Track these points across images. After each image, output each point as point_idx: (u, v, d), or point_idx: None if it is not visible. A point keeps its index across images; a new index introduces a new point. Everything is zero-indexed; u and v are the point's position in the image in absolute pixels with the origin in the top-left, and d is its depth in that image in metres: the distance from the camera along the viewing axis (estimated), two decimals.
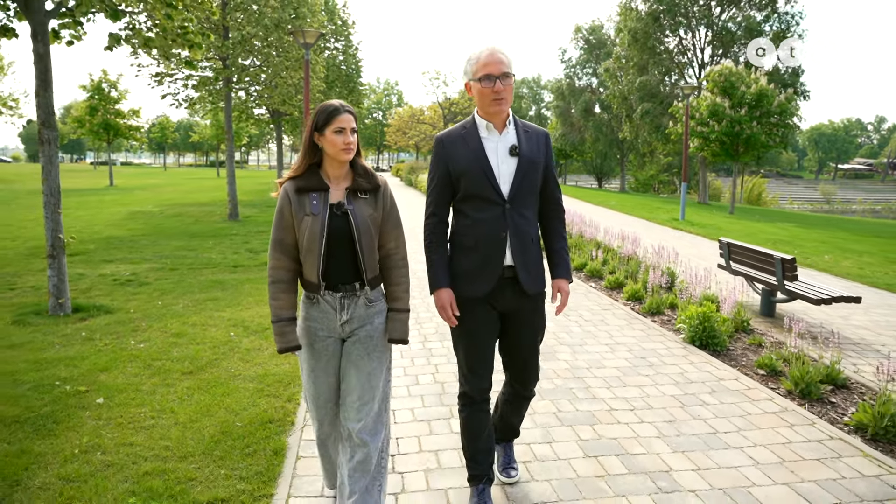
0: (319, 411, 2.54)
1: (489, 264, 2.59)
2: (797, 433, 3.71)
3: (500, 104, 2.55)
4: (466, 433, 2.82)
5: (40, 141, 5.97)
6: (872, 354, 5.39)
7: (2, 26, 5.88)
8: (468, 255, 2.63)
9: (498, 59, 2.51)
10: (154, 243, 11.23)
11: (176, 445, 3.35)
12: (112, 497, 2.82)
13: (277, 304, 2.37)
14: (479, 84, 2.53)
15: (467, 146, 2.61)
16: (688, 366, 4.92)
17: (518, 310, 2.70)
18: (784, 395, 4.37)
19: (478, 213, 2.60)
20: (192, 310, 6.34)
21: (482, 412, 2.79)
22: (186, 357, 4.82)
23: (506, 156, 2.60)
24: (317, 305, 2.42)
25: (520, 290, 2.64)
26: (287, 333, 2.36)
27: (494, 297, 2.64)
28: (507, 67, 2.52)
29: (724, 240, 7.35)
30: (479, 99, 2.58)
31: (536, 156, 2.64)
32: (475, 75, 2.55)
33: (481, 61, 2.53)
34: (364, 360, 2.45)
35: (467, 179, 2.58)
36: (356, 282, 2.41)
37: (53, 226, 6.11)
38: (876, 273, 9.90)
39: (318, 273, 2.34)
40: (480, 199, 2.59)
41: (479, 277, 2.61)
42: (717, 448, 3.50)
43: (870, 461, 3.37)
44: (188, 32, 6.37)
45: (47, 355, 4.78)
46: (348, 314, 2.42)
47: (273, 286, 2.38)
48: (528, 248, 2.62)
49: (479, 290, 2.61)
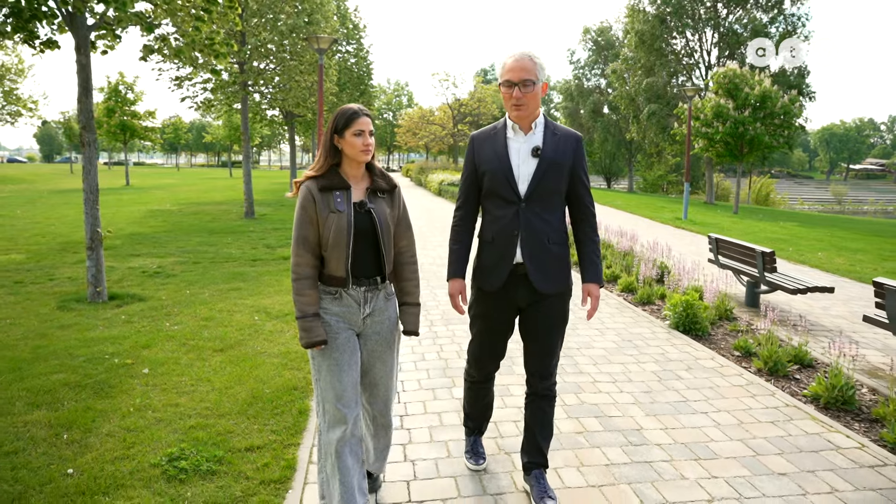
0: (345, 410, 2.47)
1: (502, 260, 2.69)
2: (758, 402, 4.20)
3: (520, 109, 2.61)
4: (467, 399, 3.21)
5: (81, 143, 6.55)
6: (843, 340, 5.84)
7: (48, 39, 6.45)
8: (488, 250, 2.76)
9: (521, 66, 2.56)
10: (176, 239, 11.83)
11: (214, 406, 3.89)
12: (165, 443, 3.37)
13: (304, 299, 2.42)
14: (502, 88, 2.64)
15: (494, 145, 2.72)
16: (669, 347, 5.41)
17: (534, 304, 2.76)
18: (754, 372, 4.85)
19: (497, 210, 2.71)
20: (217, 298, 6.90)
21: (483, 388, 3.12)
22: (216, 337, 5.37)
23: (528, 156, 2.66)
24: (339, 300, 2.49)
25: (533, 288, 2.70)
26: (314, 328, 2.41)
27: (508, 293, 2.74)
28: (529, 75, 2.56)
29: (712, 235, 7.82)
30: (504, 102, 2.68)
31: (561, 158, 2.67)
32: (500, 79, 2.65)
33: (507, 66, 2.60)
34: (387, 353, 2.62)
35: (490, 177, 2.69)
36: (377, 276, 2.53)
37: (92, 220, 6.71)
38: (866, 269, 10.30)
39: (346, 267, 2.43)
40: (499, 196, 2.69)
41: (493, 272, 2.72)
42: (685, 413, 4.00)
43: (816, 423, 3.86)
44: (215, 43, 6.94)
45: (94, 335, 5.36)
46: (371, 307, 2.53)
47: (298, 283, 2.44)
48: (542, 247, 2.67)
49: (493, 284, 2.73)
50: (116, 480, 2.96)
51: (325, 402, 2.47)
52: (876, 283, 4.81)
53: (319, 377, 2.48)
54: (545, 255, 2.67)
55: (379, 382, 2.64)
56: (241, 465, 3.17)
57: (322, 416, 2.50)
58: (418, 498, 2.93)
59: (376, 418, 2.72)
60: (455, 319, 6.16)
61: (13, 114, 40.07)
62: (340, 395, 2.45)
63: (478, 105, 45.31)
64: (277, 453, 3.30)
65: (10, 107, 39.19)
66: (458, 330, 5.82)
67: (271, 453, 3.29)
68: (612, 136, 44.99)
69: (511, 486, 3.06)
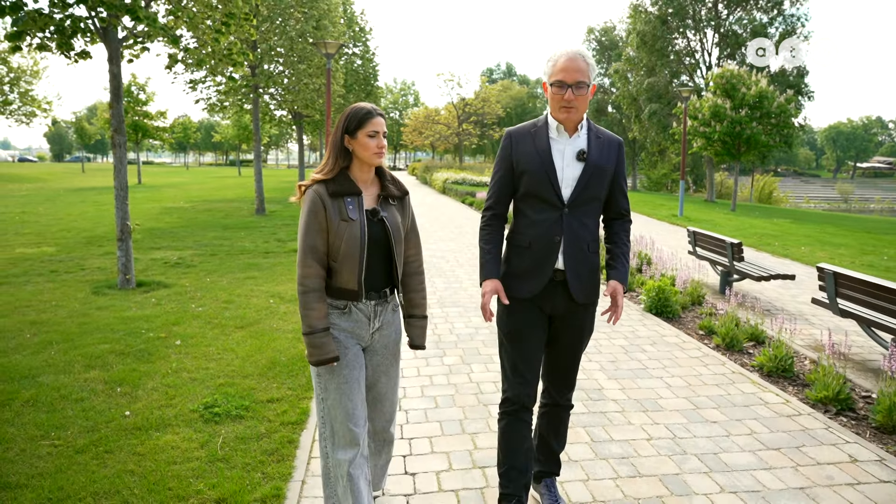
0: (356, 429, 2.31)
1: (540, 266, 2.54)
2: (709, 370, 4.84)
3: (570, 112, 2.47)
4: (504, 445, 2.67)
5: (113, 144, 7.25)
6: (802, 322, 6.46)
7: (82, 51, 7.15)
8: (521, 255, 2.59)
9: (576, 67, 2.42)
10: (192, 234, 12.55)
11: (238, 370, 4.57)
12: (200, 395, 4.05)
13: (313, 314, 2.24)
14: (551, 88, 2.47)
15: (534, 145, 2.54)
16: (640, 327, 6.05)
17: (566, 314, 2.62)
18: (713, 347, 5.48)
19: (536, 213, 2.55)
20: (234, 285, 7.59)
21: (523, 423, 2.64)
22: (236, 317, 6.06)
23: (572, 160, 2.52)
24: (348, 315, 2.34)
25: (569, 296, 2.57)
26: (324, 345, 2.24)
27: (543, 299, 2.58)
28: (583, 76, 2.42)
29: (690, 229, 8.45)
30: (551, 102, 2.51)
31: (605, 163, 2.56)
32: (550, 78, 2.48)
33: (558, 65, 2.44)
34: (393, 367, 2.50)
35: (529, 178, 2.53)
36: (386, 288, 2.41)
37: (122, 214, 7.40)
38: (844, 262, 10.88)
39: (359, 280, 2.28)
40: (540, 199, 2.53)
41: (529, 278, 2.56)
42: (643, 377, 4.64)
43: (755, 385, 4.50)
44: (233, 53, 7.63)
45: (129, 314, 6.06)
46: (380, 321, 2.40)
47: (306, 296, 2.25)
48: (582, 255, 2.55)
49: (527, 291, 2.56)
50: (164, 421, 3.65)
51: (335, 423, 2.31)
52: (818, 268, 5.43)
53: (326, 396, 2.32)
54: (584, 263, 2.55)
55: (384, 398, 2.51)
56: (264, 411, 3.84)
57: (329, 438, 2.33)
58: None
59: (378, 434, 2.58)
60: (454, 316, 6.82)
61: (28, 114, 41.26)
62: (351, 414, 2.30)
63: (482, 105, 45.94)
64: (293, 403, 3.97)
65: (26, 107, 40.44)
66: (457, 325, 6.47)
67: (288, 403, 3.96)
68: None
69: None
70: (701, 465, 3.30)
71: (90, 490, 2.89)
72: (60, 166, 65.35)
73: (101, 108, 46.27)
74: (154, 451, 3.28)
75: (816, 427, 3.79)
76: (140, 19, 6.21)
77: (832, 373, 4.31)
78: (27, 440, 3.38)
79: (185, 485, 2.95)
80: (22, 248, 10.34)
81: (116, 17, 6.65)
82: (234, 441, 3.42)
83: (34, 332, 5.40)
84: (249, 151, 70.74)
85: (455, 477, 3.15)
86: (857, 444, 3.57)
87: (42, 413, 3.72)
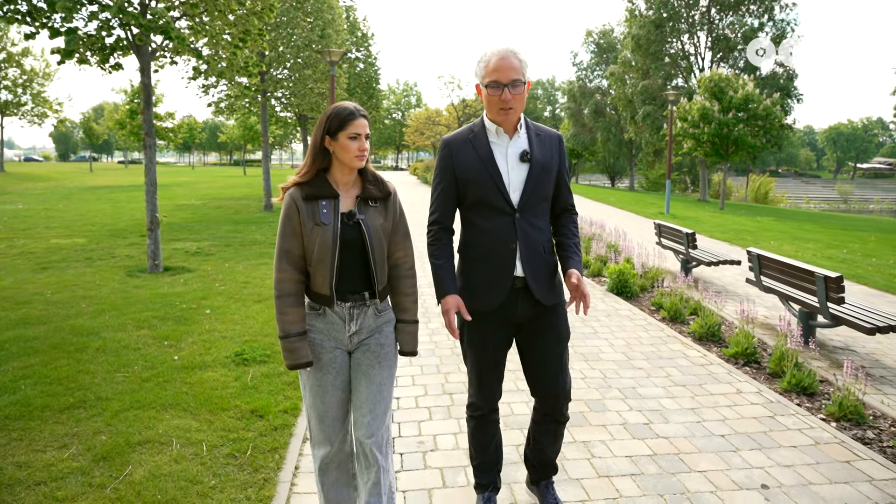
0: (327, 430, 2.39)
1: (499, 276, 2.47)
2: (648, 334, 5.83)
3: (508, 113, 2.41)
4: (474, 443, 2.78)
5: (144, 146, 8.27)
6: (748, 302, 7.43)
7: (115, 63, 8.17)
8: (477, 267, 2.51)
9: (509, 65, 2.35)
10: (206, 228, 13.59)
11: (260, 331, 5.57)
12: (231, 347, 5.05)
13: (286, 318, 2.24)
14: (486, 90, 2.40)
15: (475, 151, 2.47)
16: (599, 303, 7.04)
17: (535, 317, 2.57)
18: (659, 319, 6.46)
19: (485, 222, 2.48)
20: (250, 270, 8.61)
21: (490, 423, 2.75)
22: (254, 293, 7.07)
23: (516, 162, 2.46)
24: (323, 317, 2.32)
25: (534, 301, 2.51)
26: (298, 349, 2.24)
27: (506, 309, 2.52)
28: (517, 74, 2.36)
29: (657, 222, 9.43)
30: (487, 105, 2.45)
31: (549, 161, 2.51)
32: (484, 79, 2.41)
33: (491, 65, 2.37)
34: (375, 370, 2.36)
35: (475, 187, 2.46)
36: (365, 291, 2.33)
37: (152, 207, 8.43)
38: (807, 254, 11.83)
39: (330, 285, 2.25)
40: (488, 207, 2.46)
41: (489, 290, 2.49)
42: (591, 340, 5.63)
43: (683, 345, 5.49)
44: (249, 65, 8.64)
45: (162, 291, 7.08)
46: (357, 325, 2.34)
47: (280, 300, 2.25)
48: (540, 258, 2.50)
49: (489, 304, 2.49)
50: (205, 363, 4.66)
51: (310, 421, 2.41)
52: (747, 252, 6.41)
53: (304, 395, 2.41)
54: (543, 266, 2.51)
55: (363, 403, 2.35)
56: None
57: (309, 433, 2.47)
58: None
59: (360, 446, 2.36)
60: None
61: (40, 115, 42.54)
62: (323, 415, 2.37)
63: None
64: None
65: (38, 108, 41.70)
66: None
67: None
68: (613, 136, 46.55)
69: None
70: (619, 395, 4.29)
71: (159, 403, 3.90)
72: (68, 166, 66.59)
73: (107, 109, 47.44)
74: (200, 381, 4.29)
75: (720, 373, 4.78)
76: (172, 39, 7.22)
77: (745, 334, 5.30)
78: (105, 373, 4.41)
79: (226, 401, 3.96)
80: (56, 240, 11.40)
81: (150, 35, 7.67)
82: (260, 376, 4.43)
83: (87, 303, 6.44)
84: (254, 151, 71.97)
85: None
86: (748, 383, 4.56)
87: (111, 356, 4.75)
